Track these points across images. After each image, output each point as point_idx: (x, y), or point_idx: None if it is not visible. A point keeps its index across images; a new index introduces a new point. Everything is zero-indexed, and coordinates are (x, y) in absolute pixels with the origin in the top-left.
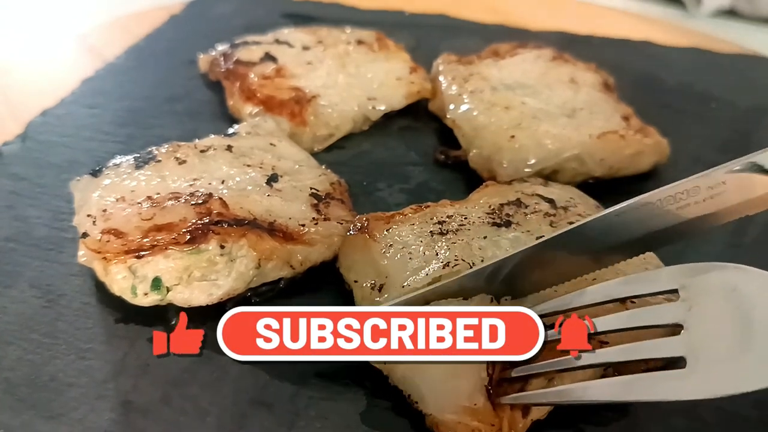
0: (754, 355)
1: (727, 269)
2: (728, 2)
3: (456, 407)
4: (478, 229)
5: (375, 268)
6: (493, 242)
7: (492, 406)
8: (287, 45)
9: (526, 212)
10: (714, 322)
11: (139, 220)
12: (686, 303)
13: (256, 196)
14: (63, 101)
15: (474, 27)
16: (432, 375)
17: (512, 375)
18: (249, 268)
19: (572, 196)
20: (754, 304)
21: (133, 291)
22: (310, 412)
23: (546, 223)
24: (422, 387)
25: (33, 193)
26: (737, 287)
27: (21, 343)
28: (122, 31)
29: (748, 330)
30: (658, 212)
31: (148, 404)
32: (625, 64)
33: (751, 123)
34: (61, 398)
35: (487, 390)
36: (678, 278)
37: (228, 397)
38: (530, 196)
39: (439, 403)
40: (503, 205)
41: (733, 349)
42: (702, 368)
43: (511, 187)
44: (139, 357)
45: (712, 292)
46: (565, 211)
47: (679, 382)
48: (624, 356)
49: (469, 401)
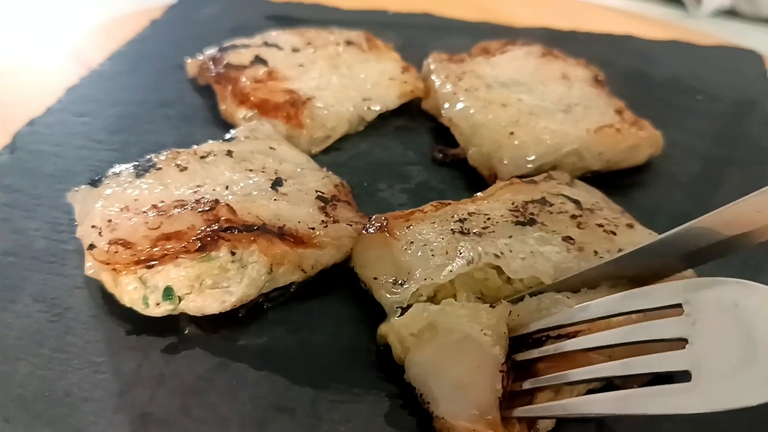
0: (757, 369)
1: (728, 284)
2: (728, 2)
3: (470, 415)
4: (502, 227)
5: (396, 264)
6: (518, 240)
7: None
8: (276, 47)
9: (551, 211)
10: (717, 337)
11: (146, 230)
12: (690, 317)
13: (263, 201)
14: (50, 110)
15: (459, 25)
16: (447, 380)
17: (523, 387)
18: (261, 273)
19: (597, 200)
20: (756, 319)
21: (145, 301)
22: (332, 416)
23: (573, 225)
24: (435, 389)
25: (28, 205)
26: (738, 302)
27: (31, 359)
28: (105, 37)
29: (751, 344)
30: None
31: (167, 415)
32: (611, 59)
33: (737, 115)
34: (77, 413)
35: (500, 402)
36: (681, 293)
37: (247, 404)
38: (555, 195)
39: (452, 409)
40: (527, 203)
41: (736, 363)
42: (706, 382)
43: (537, 185)
44: (153, 368)
45: (714, 307)
46: (592, 213)
47: (684, 396)
48: (629, 370)
49: (482, 411)
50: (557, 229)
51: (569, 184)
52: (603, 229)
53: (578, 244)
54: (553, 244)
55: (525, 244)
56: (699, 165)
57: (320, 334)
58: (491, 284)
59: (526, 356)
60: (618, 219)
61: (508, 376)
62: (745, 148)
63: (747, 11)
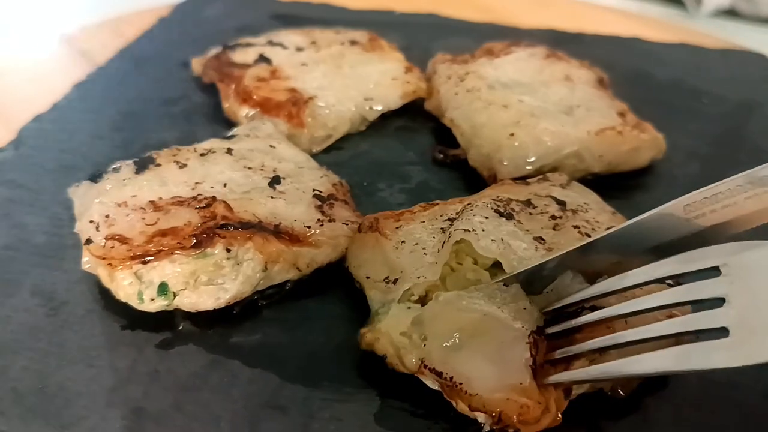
0: None
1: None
2: (728, 2)
3: (503, 386)
4: (479, 210)
5: (388, 264)
6: (492, 225)
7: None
8: (281, 46)
9: (532, 212)
10: (755, 294)
11: (143, 226)
12: (728, 278)
13: (260, 199)
14: (56, 106)
15: (465, 26)
16: (475, 358)
17: (556, 356)
18: (256, 271)
19: (587, 201)
20: None
21: (140, 297)
22: (324, 414)
23: (549, 226)
24: (465, 369)
25: (30, 200)
26: None
27: (27, 353)
28: (112, 34)
29: None
30: (677, 221)
31: (159, 411)
32: (616, 61)
33: (741, 118)
34: (71, 407)
35: (532, 369)
36: (720, 256)
37: (240, 401)
38: (543, 197)
39: (485, 383)
40: (511, 200)
41: None
42: (746, 337)
43: (527, 187)
44: (147, 363)
45: (752, 268)
46: (573, 214)
47: (722, 352)
48: (668, 330)
49: (515, 380)
50: (530, 229)
51: (564, 186)
52: (578, 230)
53: (548, 245)
54: (522, 240)
55: (498, 231)
56: (701, 167)
57: (314, 333)
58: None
59: (559, 328)
60: (600, 223)
61: (537, 347)
62: (748, 150)
63: (747, 11)
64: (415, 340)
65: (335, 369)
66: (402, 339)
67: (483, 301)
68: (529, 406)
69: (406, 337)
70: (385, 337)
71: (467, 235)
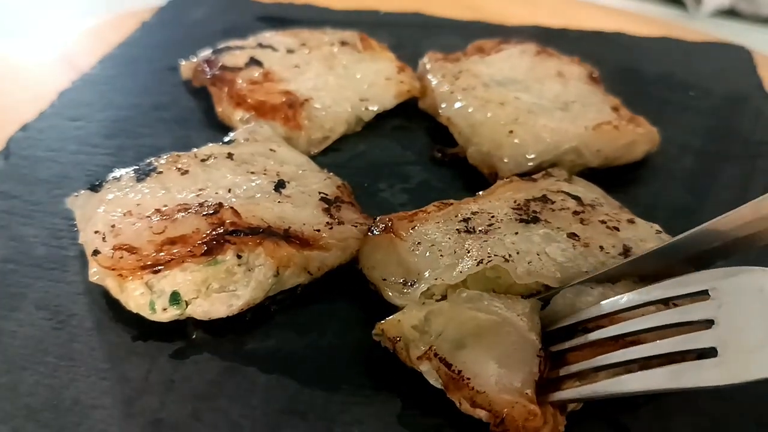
0: None
1: (754, 272)
2: (728, 2)
3: (512, 389)
4: (507, 225)
5: (404, 265)
6: (524, 238)
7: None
8: (271, 49)
9: (553, 208)
10: (742, 318)
11: (151, 234)
12: (716, 301)
13: (267, 203)
14: (43, 114)
15: (451, 24)
16: (487, 357)
17: (561, 374)
18: (267, 276)
19: (597, 196)
20: None
21: (152, 307)
22: (345, 418)
23: (576, 221)
24: (475, 366)
25: (26, 211)
26: (764, 288)
27: (36, 367)
28: (94, 40)
29: None
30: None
31: (178, 421)
32: (603, 56)
33: (729, 110)
34: (87, 421)
35: (537, 385)
36: (708, 281)
37: (258, 408)
38: (555, 192)
39: (494, 383)
40: (529, 201)
41: (761, 339)
42: (733, 357)
43: (536, 183)
44: (162, 373)
45: (740, 292)
46: (593, 209)
47: (710, 371)
48: (658, 350)
49: (522, 388)
50: (561, 226)
51: (568, 181)
52: (606, 225)
53: (583, 241)
54: (558, 241)
55: (531, 243)
56: (694, 160)
57: (328, 336)
58: (503, 282)
59: (561, 347)
60: (618, 214)
61: (545, 364)
62: (737, 142)
63: (747, 11)
64: (427, 332)
65: (352, 372)
66: (413, 332)
67: (504, 306)
68: (536, 413)
69: (417, 330)
70: (396, 327)
71: (506, 265)
